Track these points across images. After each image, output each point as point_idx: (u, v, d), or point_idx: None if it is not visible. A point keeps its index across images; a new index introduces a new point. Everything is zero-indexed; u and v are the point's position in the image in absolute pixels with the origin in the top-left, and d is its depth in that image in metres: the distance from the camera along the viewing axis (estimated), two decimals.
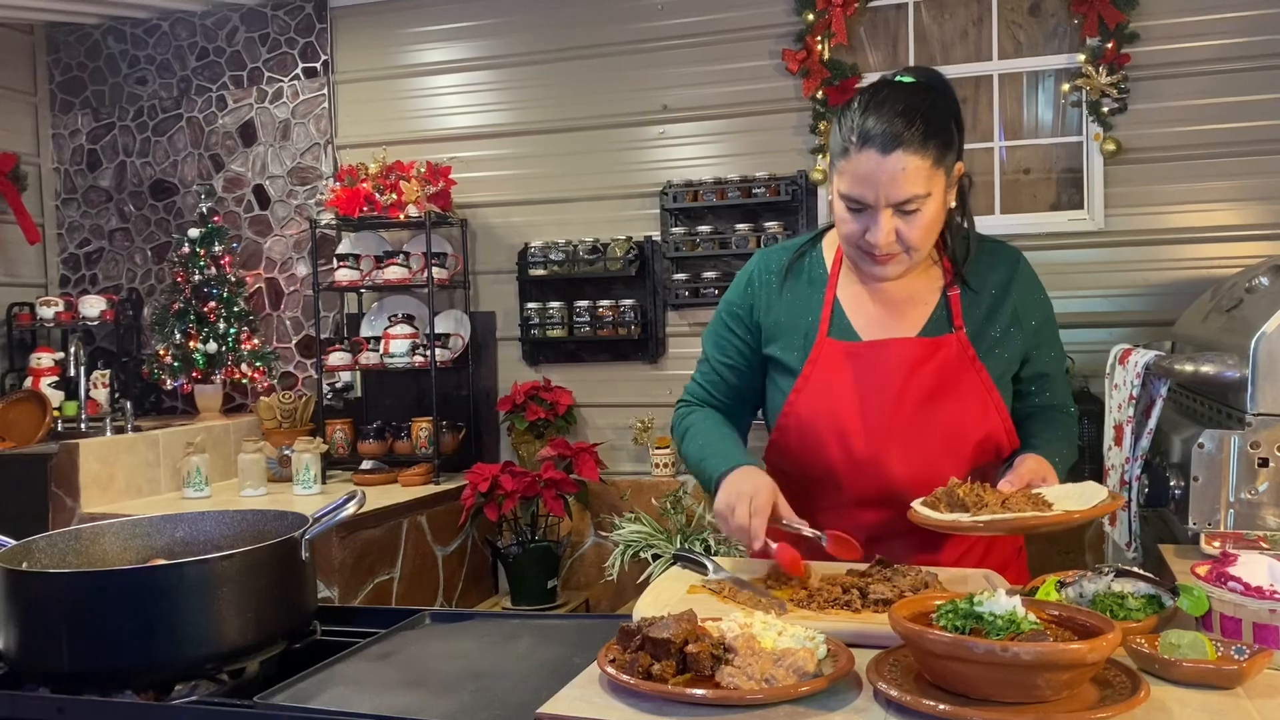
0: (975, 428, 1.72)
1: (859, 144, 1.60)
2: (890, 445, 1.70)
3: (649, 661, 1.20)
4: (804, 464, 1.79)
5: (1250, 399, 1.90)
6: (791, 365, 1.77)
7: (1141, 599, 1.37)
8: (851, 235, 1.67)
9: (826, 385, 1.74)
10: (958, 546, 1.79)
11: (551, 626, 1.63)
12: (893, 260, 1.67)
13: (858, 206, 1.63)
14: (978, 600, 1.19)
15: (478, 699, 1.32)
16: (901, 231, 1.62)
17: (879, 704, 1.16)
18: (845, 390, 1.73)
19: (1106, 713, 1.06)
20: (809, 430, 1.75)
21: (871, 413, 1.71)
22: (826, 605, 1.46)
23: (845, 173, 1.63)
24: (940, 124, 1.61)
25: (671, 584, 1.60)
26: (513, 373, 4.29)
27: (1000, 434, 1.74)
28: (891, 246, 1.63)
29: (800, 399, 1.76)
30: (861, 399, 1.72)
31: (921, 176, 1.59)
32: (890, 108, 1.59)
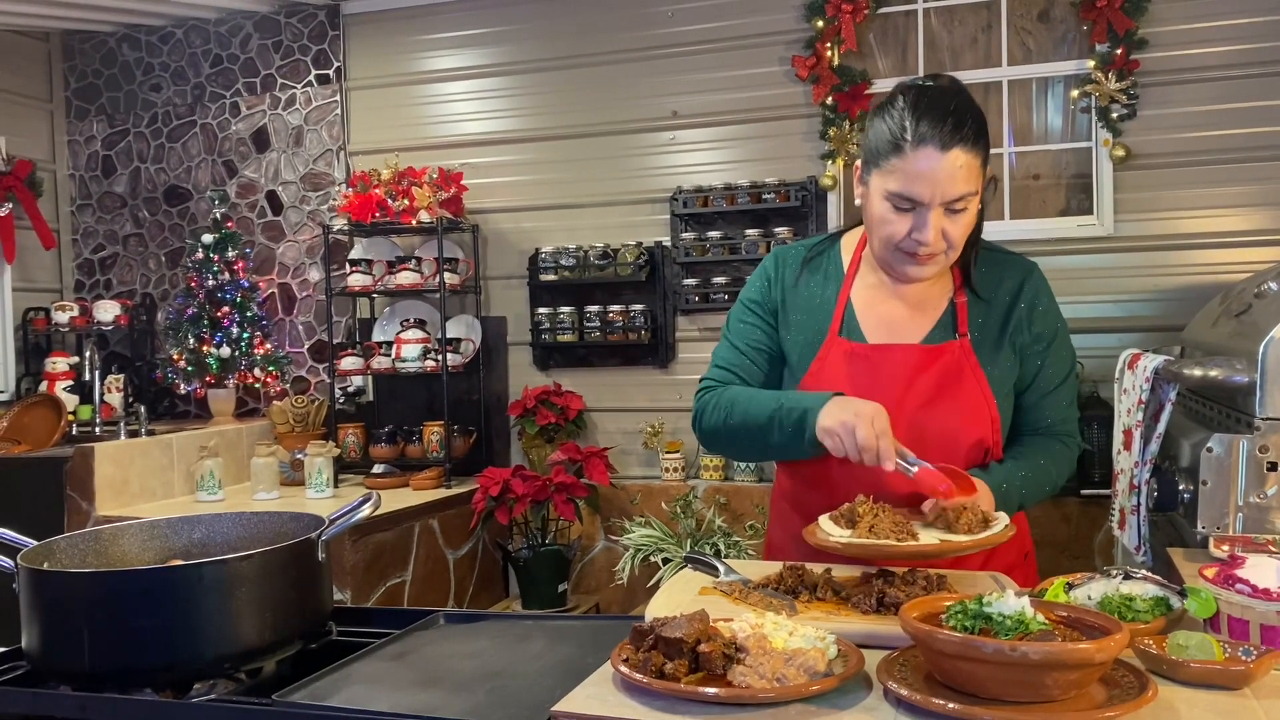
0: (968, 432, 1.74)
1: (915, 142, 1.60)
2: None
3: (661, 661, 1.22)
4: (802, 461, 1.81)
5: (1259, 403, 1.91)
6: (798, 363, 1.80)
7: (1149, 601, 1.38)
8: (894, 236, 1.66)
9: (830, 387, 1.75)
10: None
11: (564, 627, 1.65)
12: (933, 260, 1.68)
13: (908, 205, 1.63)
14: (987, 601, 1.20)
15: (493, 698, 1.34)
16: (947, 230, 1.64)
17: (889, 703, 1.17)
18: (847, 393, 1.74)
19: (1114, 712, 1.07)
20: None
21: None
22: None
23: (896, 171, 1.62)
24: (982, 124, 1.65)
25: (683, 586, 1.62)
26: (523, 377, 4.31)
27: (989, 440, 1.76)
28: (938, 245, 1.64)
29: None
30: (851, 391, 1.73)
31: (974, 174, 1.62)
32: (943, 107, 1.61)
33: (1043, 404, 1.82)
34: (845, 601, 1.50)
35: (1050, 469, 1.81)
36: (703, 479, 4.00)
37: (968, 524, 1.54)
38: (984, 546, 1.53)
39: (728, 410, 1.81)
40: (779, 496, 1.99)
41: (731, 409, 1.80)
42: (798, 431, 1.68)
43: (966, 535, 1.53)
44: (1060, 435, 1.84)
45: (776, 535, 1.98)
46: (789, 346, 1.83)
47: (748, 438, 1.79)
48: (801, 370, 1.80)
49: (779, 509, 1.98)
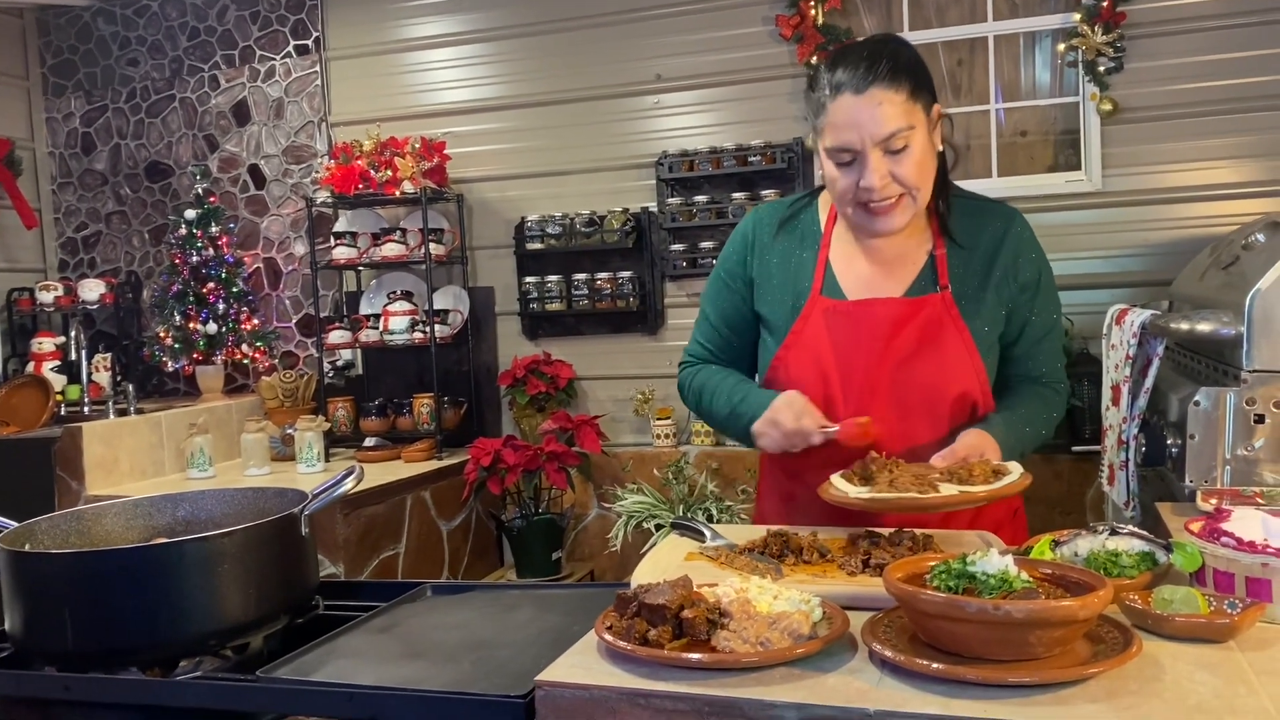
0: (952, 386, 1.73)
1: (833, 93, 1.63)
2: (871, 407, 1.71)
3: (645, 628, 1.21)
4: None
5: (1246, 355, 1.90)
6: (780, 325, 1.79)
7: (1135, 556, 1.37)
8: (846, 191, 1.66)
9: (813, 346, 1.75)
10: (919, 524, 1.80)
11: (551, 596, 1.65)
12: (895, 208, 1.66)
13: (847, 158, 1.64)
14: (970, 560, 1.20)
15: (478, 669, 1.33)
16: (895, 173, 1.63)
17: (874, 665, 1.17)
18: (829, 352, 1.75)
19: (1099, 668, 1.07)
20: (794, 390, 1.76)
21: (854, 374, 1.73)
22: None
23: (827, 128, 1.65)
24: (906, 61, 1.64)
25: (669, 552, 1.61)
26: (513, 347, 4.30)
27: (976, 393, 1.74)
28: (889, 189, 1.63)
29: (786, 359, 1.77)
30: (845, 360, 1.74)
31: (899, 109, 1.60)
32: (856, 54, 1.64)
33: (1031, 354, 1.82)
34: (831, 564, 1.50)
35: (1044, 418, 1.82)
36: (694, 444, 3.99)
37: (983, 475, 1.54)
38: (1002, 496, 1.53)
39: (697, 397, 1.91)
40: (767, 459, 1.98)
41: (700, 398, 1.90)
42: (744, 436, 1.79)
43: (984, 486, 1.52)
44: (1052, 383, 1.84)
45: (766, 498, 1.97)
46: (768, 311, 1.82)
47: (715, 426, 1.93)
48: (783, 333, 1.78)
49: (768, 472, 1.97)
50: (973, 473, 1.52)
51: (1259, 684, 1.07)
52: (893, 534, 1.56)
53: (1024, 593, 1.13)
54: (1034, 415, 1.78)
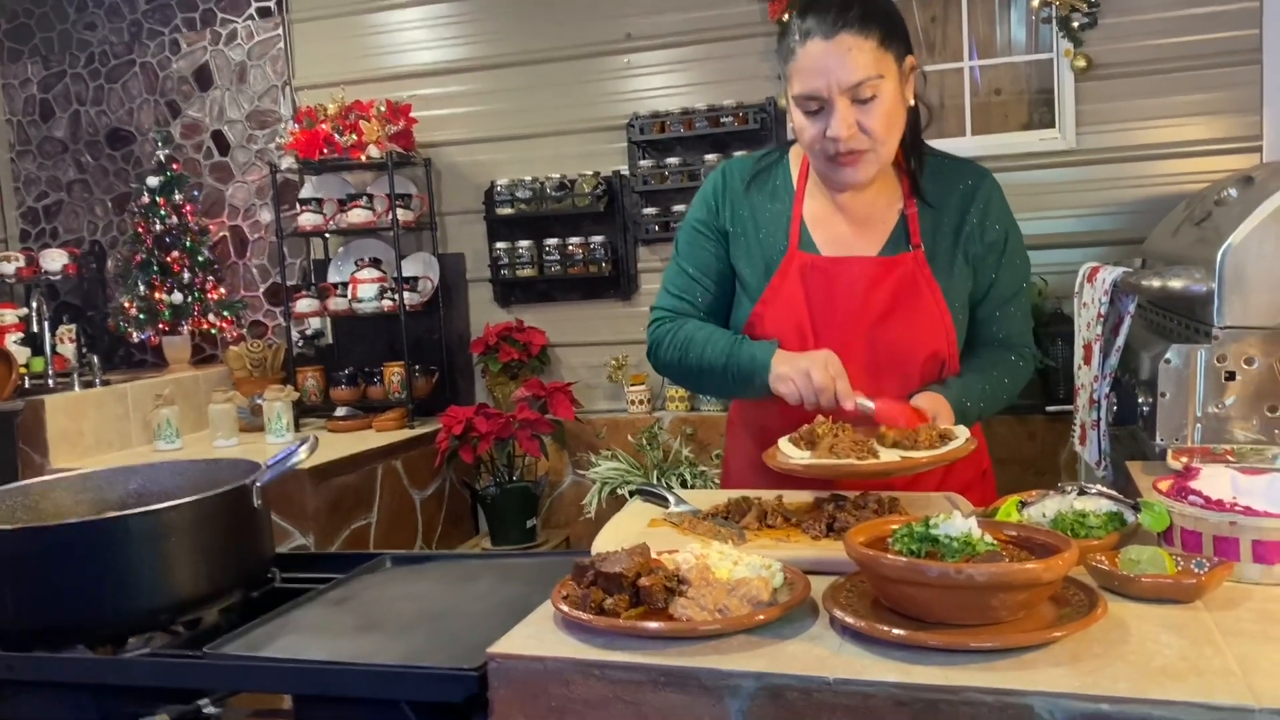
0: (924, 346, 1.70)
1: (802, 39, 1.59)
2: (845, 365, 1.68)
3: (601, 597, 1.18)
4: None
5: (1217, 312, 1.88)
6: (754, 281, 1.75)
7: (1103, 516, 1.35)
8: (814, 140, 1.63)
9: (787, 305, 1.72)
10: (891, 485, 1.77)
11: (512, 565, 1.61)
12: (860, 160, 1.62)
13: (815, 105, 1.60)
14: (933, 523, 1.17)
15: (433, 641, 1.30)
16: (862, 123, 1.59)
17: (835, 631, 1.14)
18: (804, 310, 1.71)
19: (1063, 631, 1.04)
20: None
21: (831, 332, 1.70)
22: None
23: (795, 74, 1.61)
24: (878, 8, 1.60)
25: (632, 519, 1.58)
26: (484, 314, 4.24)
27: (945, 354, 1.72)
28: (855, 139, 1.59)
29: (763, 315, 1.74)
30: (819, 319, 1.71)
31: (868, 57, 1.56)
32: (826, 1, 1.59)
33: (997, 316, 1.79)
34: (795, 528, 1.47)
35: (1006, 382, 1.79)
36: (669, 410, 3.96)
37: (928, 440, 1.51)
38: (945, 461, 1.50)
39: (682, 351, 1.78)
40: (734, 423, 1.95)
41: (686, 351, 1.78)
42: (747, 381, 1.68)
43: (927, 451, 1.49)
44: (1016, 348, 1.81)
45: (733, 462, 1.95)
46: (742, 265, 1.78)
47: (703, 380, 1.80)
48: (759, 289, 1.74)
49: (734, 435, 1.94)
50: (918, 438, 1.50)
51: (1225, 644, 1.05)
52: (858, 497, 1.54)
53: (987, 556, 1.10)
54: (993, 380, 1.75)
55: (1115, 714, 0.94)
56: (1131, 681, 0.97)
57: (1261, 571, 1.22)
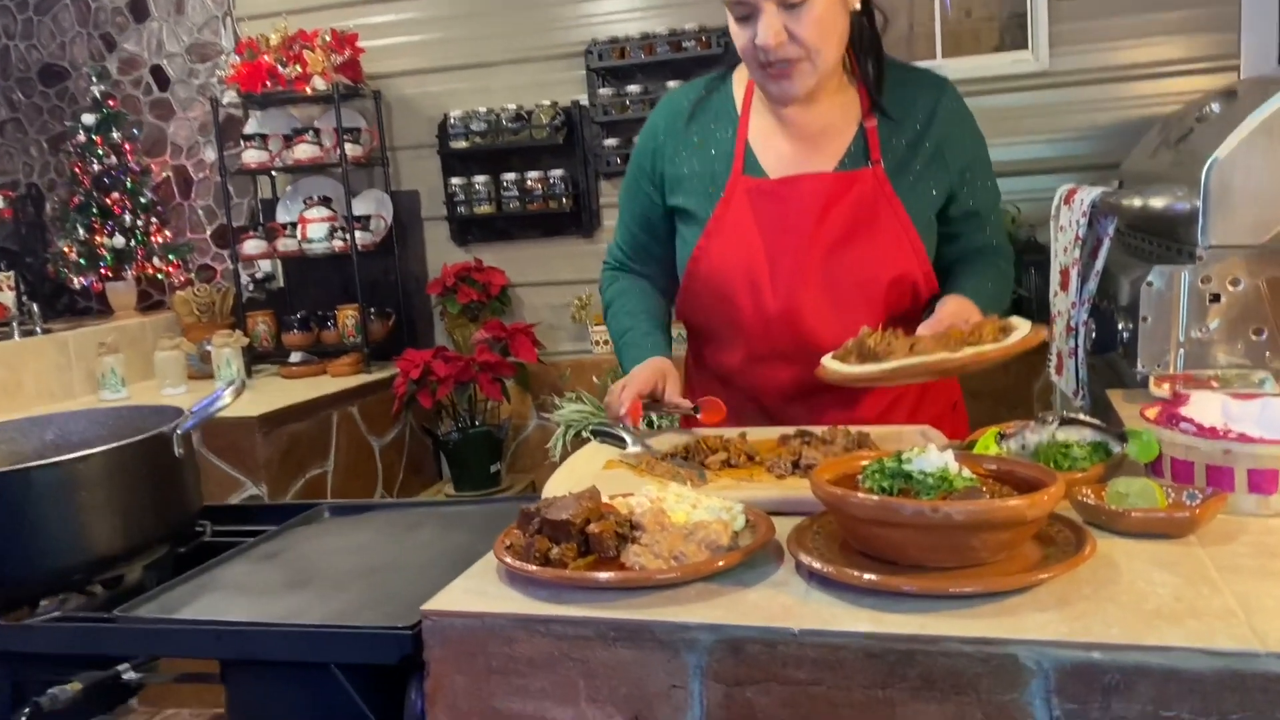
0: (888, 268, 1.59)
1: None
2: (802, 296, 1.59)
3: (547, 546, 1.08)
4: (714, 318, 1.69)
5: (1201, 231, 1.78)
6: (698, 213, 1.65)
7: (1087, 447, 1.26)
8: (745, 50, 1.53)
9: (735, 233, 1.61)
10: (880, 401, 1.68)
11: (458, 514, 1.51)
12: (794, 71, 1.51)
13: (743, 10, 1.49)
14: (906, 458, 1.07)
15: (366, 596, 1.20)
16: (793, 31, 1.47)
17: (801, 577, 1.05)
18: (755, 238, 1.61)
19: (1048, 573, 0.96)
20: (717, 283, 1.63)
21: (782, 261, 1.60)
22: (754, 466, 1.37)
23: None
24: None
25: (587, 460, 1.48)
26: (441, 254, 4.09)
27: (916, 275, 1.61)
28: (784, 48, 1.48)
29: (708, 248, 1.63)
30: (772, 246, 1.60)
31: None
32: None
33: (978, 228, 1.70)
34: (759, 467, 1.38)
35: (1003, 287, 1.72)
36: None
37: (992, 334, 1.40)
38: (1015, 352, 1.39)
39: (606, 314, 1.82)
40: (691, 361, 1.85)
41: (606, 314, 1.82)
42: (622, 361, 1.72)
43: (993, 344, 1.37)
44: (1000, 253, 1.74)
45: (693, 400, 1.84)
46: (683, 201, 1.68)
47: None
48: (702, 221, 1.64)
49: (694, 374, 1.84)
50: (981, 333, 1.39)
51: (1222, 581, 0.96)
52: (826, 432, 1.44)
53: (966, 492, 1.01)
54: (995, 286, 1.68)
55: (1108, 662, 0.86)
56: (1124, 626, 0.88)
57: (1257, 502, 1.13)
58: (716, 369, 1.72)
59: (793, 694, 0.93)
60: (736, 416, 1.66)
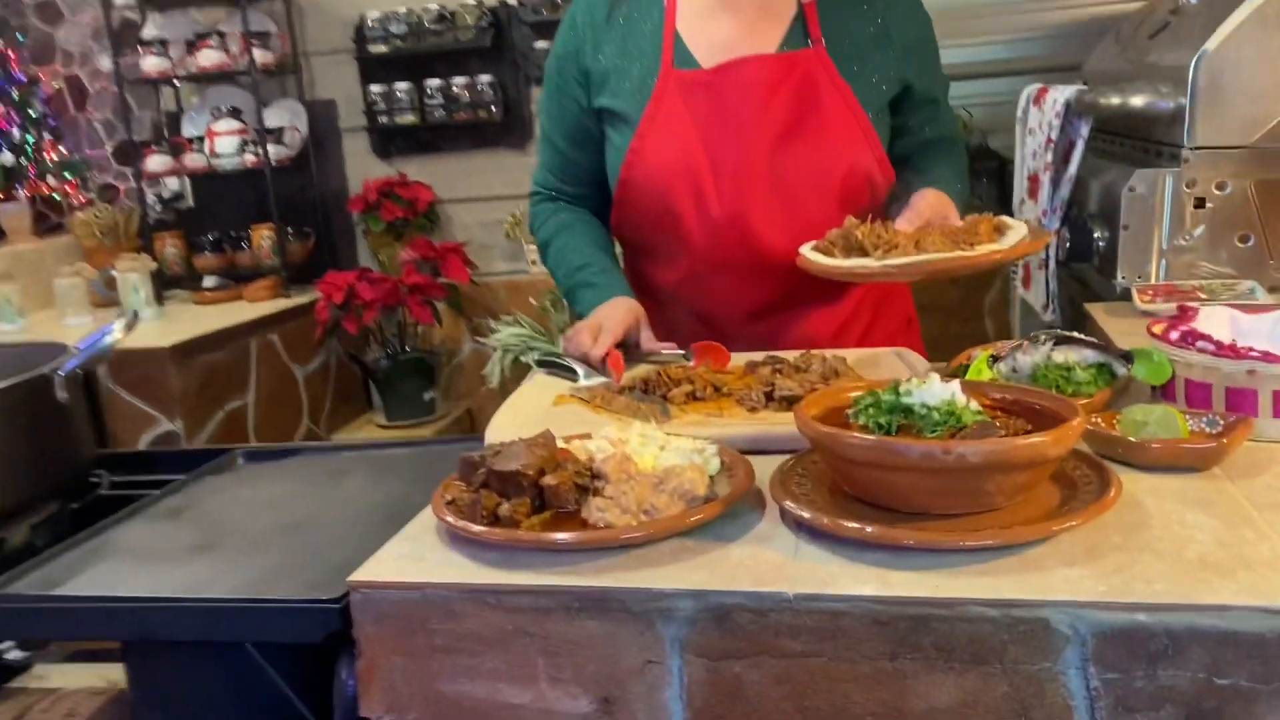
0: (841, 158, 1.45)
1: None
2: (750, 198, 1.45)
3: (495, 501, 0.93)
4: (654, 230, 1.53)
5: (1187, 131, 1.66)
6: (628, 114, 1.48)
7: (1090, 370, 1.14)
8: None
9: (670, 133, 1.45)
10: (833, 320, 1.56)
11: (387, 459, 1.35)
12: None
13: None
14: (905, 389, 0.94)
15: (285, 560, 1.04)
16: None
17: (788, 528, 0.91)
18: (692, 136, 1.45)
19: (1075, 519, 0.83)
20: (655, 190, 1.47)
21: (725, 160, 1.44)
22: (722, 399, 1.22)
23: None
24: None
25: (534, 395, 1.32)
26: (362, 168, 3.84)
27: (870, 164, 1.47)
28: None
29: (642, 152, 1.47)
30: (712, 144, 1.45)
31: None
32: None
33: (933, 116, 1.57)
34: (728, 399, 1.23)
35: (965, 183, 1.59)
36: None
37: (987, 233, 1.27)
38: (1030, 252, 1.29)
39: (543, 253, 1.65)
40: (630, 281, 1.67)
41: (546, 252, 1.63)
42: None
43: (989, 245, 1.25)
44: (954, 142, 1.62)
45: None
46: (610, 101, 1.50)
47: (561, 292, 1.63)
48: (633, 121, 1.47)
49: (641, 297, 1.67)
50: (977, 231, 1.26)
51: (1264, 523, 0.85)
52: (799, 358, 1.30)
53: (978, 428, 0.88)
54: (961, 182, 1.55)
55: (1154, 625, 0.74)
56: (1169, 581, 0.77)
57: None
58: (658, 288, 1.57)
59: (787, 668, 0.80)
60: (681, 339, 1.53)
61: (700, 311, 1.55)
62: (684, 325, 1.54)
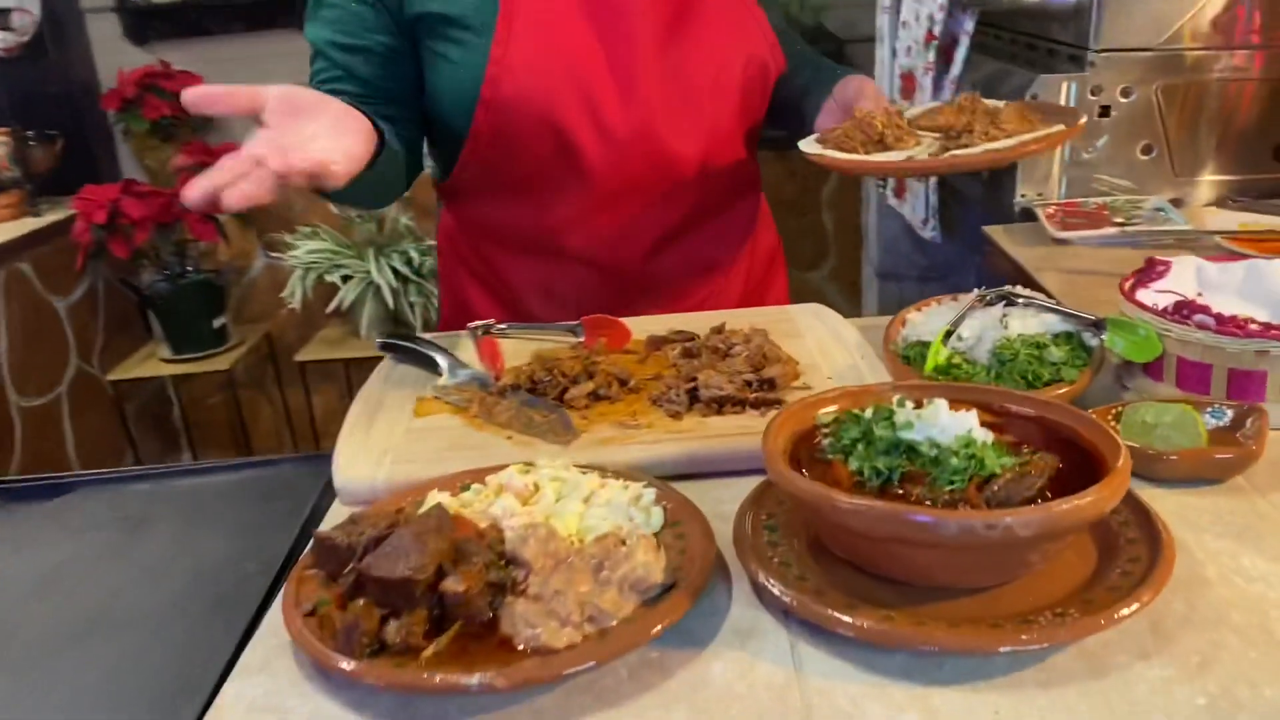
0: (737, 47, 1.25)
1: None
2: (652, 102, 1.19)
3: (376, 621, 0.67)
4: (530, 166, 1.22)
5: (1093, 32, 1.51)
6: (470, 18, 1.15)
7: (1065, 347, 0.97)
8: None
9: (546, 33, 1.16)
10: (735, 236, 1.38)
11: (202, 491, 1.04)
12: None
13: None
14: (903, 420, 0.74)
15: (56, 699, 0.75)
16: None
17: (772, 614, 0.71)
18: (576, 32, 1.17)
19: (1143, 596, 0.65)
20: (533, 110, 1.16)
21: (620, 59, 1.18)
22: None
23: None
24: None
25: (386, 403, 1.04)
26: (115, 56, 3.24)
27: (765, 53, 1.27)
28: None
29: (509, 64, 1.15)
30: (604, 40, 1.17)
31: None
32: None
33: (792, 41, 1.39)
34: (638, 396, 1.00)
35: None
36: None
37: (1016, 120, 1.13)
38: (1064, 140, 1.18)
39: None
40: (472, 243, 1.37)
41: None
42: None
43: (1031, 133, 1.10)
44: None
45: (460, 290, 1.40)
46: (440, 9, 1.15)
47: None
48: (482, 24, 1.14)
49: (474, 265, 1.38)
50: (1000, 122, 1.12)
51: None
52: (714, 337, 1.08)
53: (1012, 479, 0.69)
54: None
55: None
56: (1267, 670, 0.61)
57: None
58: (534, 238, 1.29)
59: None
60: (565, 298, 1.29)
61: (590, 256, 1.30)
62: (568, 278, 1.29)
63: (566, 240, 1.28)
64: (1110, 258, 1.35)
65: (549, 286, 1.29)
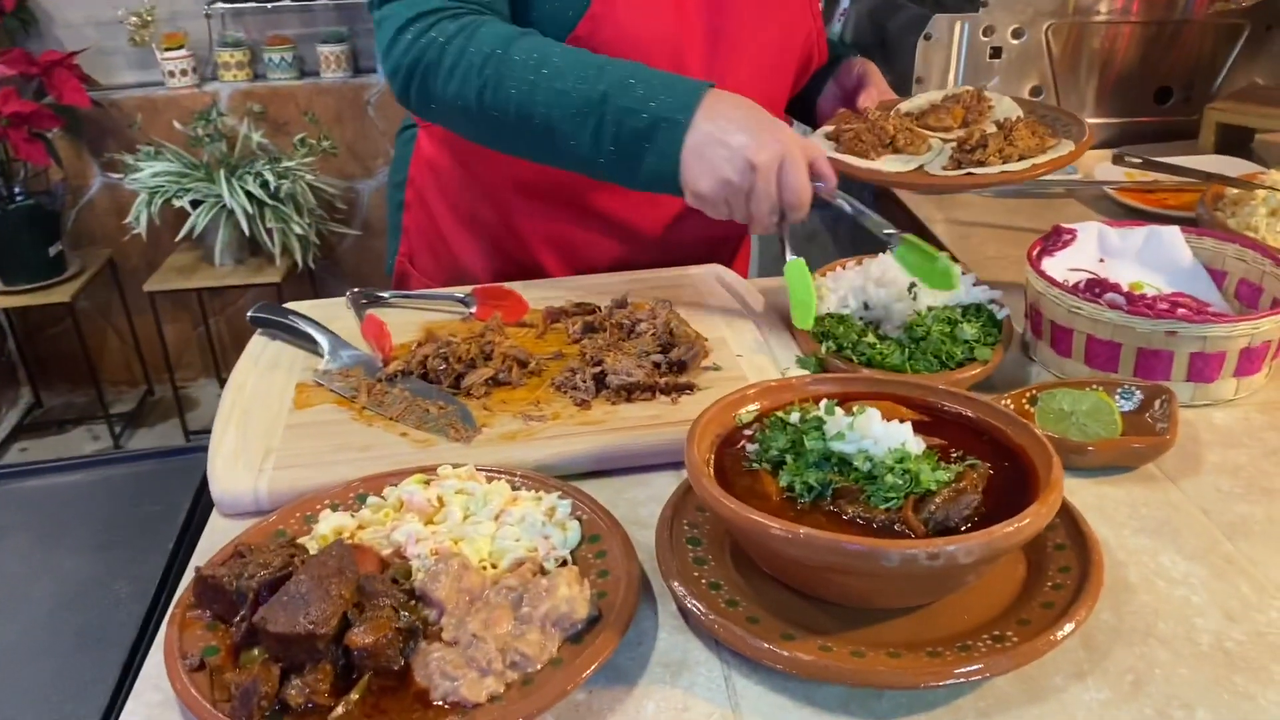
0: (799, 24, 1.22)
1: None
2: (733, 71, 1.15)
3: (275, 681, 0.61)
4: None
5: None
6: None
7: (978, 323, 0.95)
8: None
9: None
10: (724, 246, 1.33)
11: (59, 493, 0.94)
12: None
13: None
14: (835, 431, 0.70)
15: None
16: None
17: (704, 642, 0.67)
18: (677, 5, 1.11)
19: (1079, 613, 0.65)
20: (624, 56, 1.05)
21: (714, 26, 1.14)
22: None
23: None
24: None
25: (260, 390, 0.95)
26: None
27: (814, 35, 1.25)
28: None
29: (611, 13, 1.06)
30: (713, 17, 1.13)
31: None
32: None
33: None
34: (540, 380, 0.94)
35: None
36: (224, 81, 3.02)
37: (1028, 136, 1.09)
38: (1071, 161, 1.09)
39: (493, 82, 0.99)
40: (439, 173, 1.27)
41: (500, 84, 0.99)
42: (633, 153, 0.97)
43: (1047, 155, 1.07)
44: None
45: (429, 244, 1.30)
46: None
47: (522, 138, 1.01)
48: None
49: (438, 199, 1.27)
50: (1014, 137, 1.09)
51: (1244, 560, 0.73)
52: (617, 311, 1.03)
53: (949, 497, 0.67)
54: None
55: None
56: (1199, 695, 0.61)
57: (1193, 391, 0.90)
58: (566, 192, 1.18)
59: None
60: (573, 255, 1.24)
61: (616, 215, 1.22)
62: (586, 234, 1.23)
63: (599, 197, 1.20)
64: (1003, 208, 1.35)
65: (565, 240, 1.22)
